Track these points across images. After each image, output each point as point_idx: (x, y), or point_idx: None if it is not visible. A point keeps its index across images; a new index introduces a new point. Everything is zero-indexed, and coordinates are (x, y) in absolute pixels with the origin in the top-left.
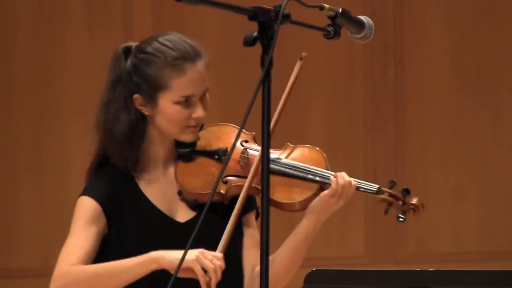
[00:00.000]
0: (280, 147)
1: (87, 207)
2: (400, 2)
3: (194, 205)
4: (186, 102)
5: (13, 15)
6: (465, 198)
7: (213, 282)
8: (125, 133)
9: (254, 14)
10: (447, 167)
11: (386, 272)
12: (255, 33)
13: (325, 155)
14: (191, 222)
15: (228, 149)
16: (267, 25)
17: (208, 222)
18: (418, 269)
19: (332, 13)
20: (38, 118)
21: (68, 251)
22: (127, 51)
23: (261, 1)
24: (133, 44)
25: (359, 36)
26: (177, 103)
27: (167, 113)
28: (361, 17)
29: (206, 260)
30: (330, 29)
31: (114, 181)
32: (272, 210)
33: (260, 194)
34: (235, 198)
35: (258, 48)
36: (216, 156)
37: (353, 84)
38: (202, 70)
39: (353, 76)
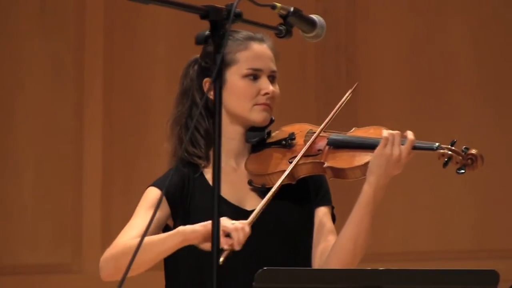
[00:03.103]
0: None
1: (149, 195)
2: (352, 1)
3: (264, 191)
4: (254, 77)
5: None
6: (416, 197)
7: (235, 242)
8: (198, 138)
9: (206, 13)
10: None
11: (338, 271)
12: (207, 32)
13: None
14: None
15: (295, 134)
16: (219, 24)
17: (276, 210)
18: (369, 268)
19: (284, 12)
20: None
21: (126, 229)
22: (195, 61)
23: (213, 0)
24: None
25: (311, 35)
26: (245, 76)
27: (236, 88)
28: (313, 16)
29: (228, 223)
30: (282, 28)
31: (183, 176)
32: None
33: (324, 166)
34: (304, 186)
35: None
36: (284, 142)
37: (304, 83)
38: (269, 51)
39: (305, 75)
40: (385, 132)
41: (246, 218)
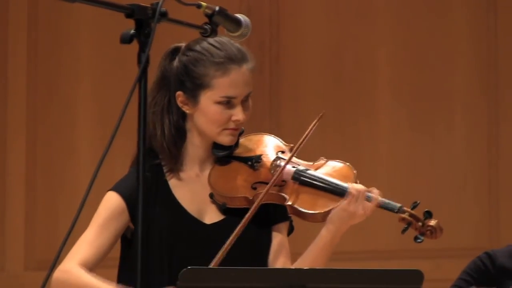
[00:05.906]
0: (314, 160)
1: (110, 203)
2: (276, 0)
3: (223, 209)
4: (227, 103)
5: None
6: None
7: None
8: (168, 133)
9: (131, 11)
10: None
11: (262, 270)
12: (132, 31)
13: (355, 171)
14: (217, 224)
15: (262, 157)
16: (144, 23)
17: (235, 226)
18: (293, 268)
19: (209, 11)
20: None
21: (79, 244)
22: (174, 51)
23: None
24: (183, 44)
25: (236, 34)
26: (218, 103)
27: (207, 112)
28: (238, 16)
29: None
30: (207, 27)
31: (146, 181)
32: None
33: (285, 203)
34: (263, 205)
35: (135, 45)
36: (250, 163)
37: None
38: (247, 74)
39: None
40: (351, 188)
41: (204, 232)
